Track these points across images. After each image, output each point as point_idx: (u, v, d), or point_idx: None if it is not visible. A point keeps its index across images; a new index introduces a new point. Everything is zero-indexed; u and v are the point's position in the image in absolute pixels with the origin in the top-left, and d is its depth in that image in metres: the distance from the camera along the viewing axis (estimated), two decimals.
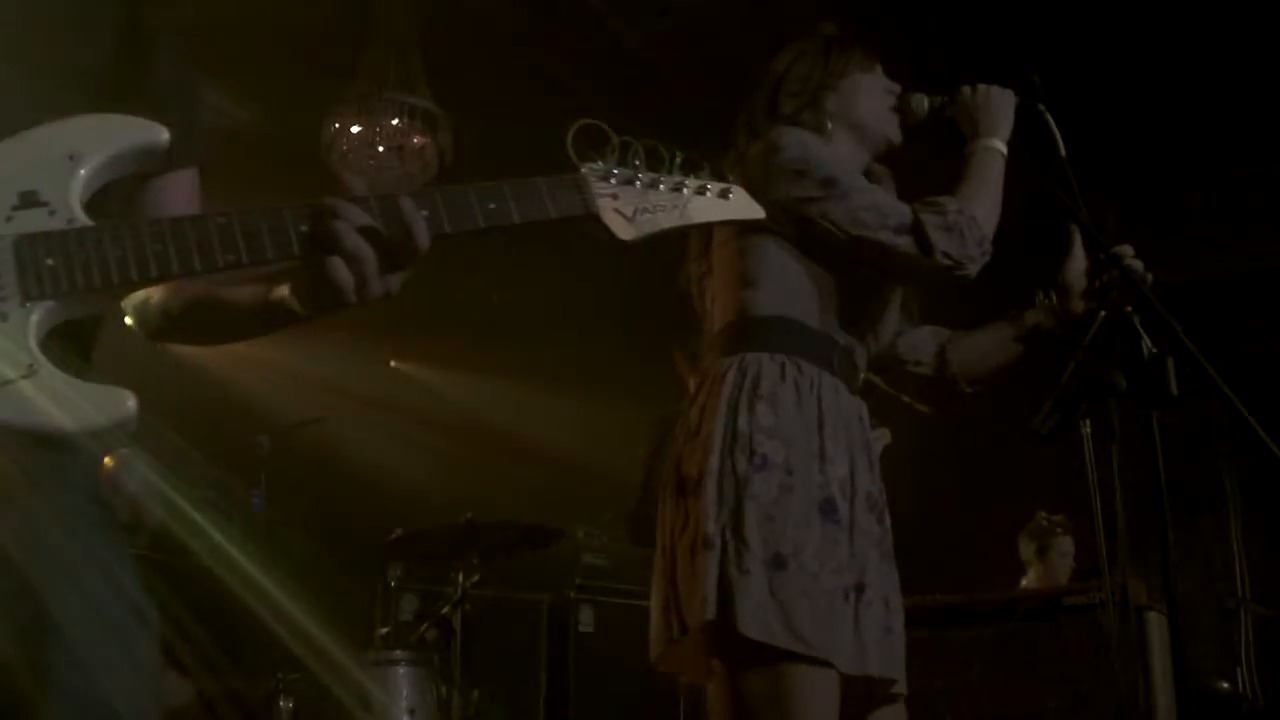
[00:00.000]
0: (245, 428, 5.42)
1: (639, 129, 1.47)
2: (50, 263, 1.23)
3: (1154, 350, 2.14)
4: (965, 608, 4.12)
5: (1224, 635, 4.34)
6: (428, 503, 6.26)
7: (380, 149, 5.13)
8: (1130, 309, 2.21)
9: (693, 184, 1.48)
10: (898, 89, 2.47)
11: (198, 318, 1.47)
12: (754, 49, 4.92)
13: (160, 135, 1.34)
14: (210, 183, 1.57)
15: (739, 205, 1.51)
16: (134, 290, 1.35)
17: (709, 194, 1.48)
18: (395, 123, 5.10)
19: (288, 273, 1.35)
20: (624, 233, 1.41)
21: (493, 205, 1.36)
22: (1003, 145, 2.37)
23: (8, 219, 1.24)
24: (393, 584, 5.28)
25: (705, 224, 1.48)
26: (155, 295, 1.48)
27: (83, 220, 1.27)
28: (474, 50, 5.29)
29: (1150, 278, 2.29)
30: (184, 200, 1.51)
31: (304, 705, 4.27)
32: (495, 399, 7.78)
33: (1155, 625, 3.75)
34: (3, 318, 1.21)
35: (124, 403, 1.22)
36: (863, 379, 2.42)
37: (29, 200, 1.26)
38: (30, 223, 1.25)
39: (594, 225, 1.41)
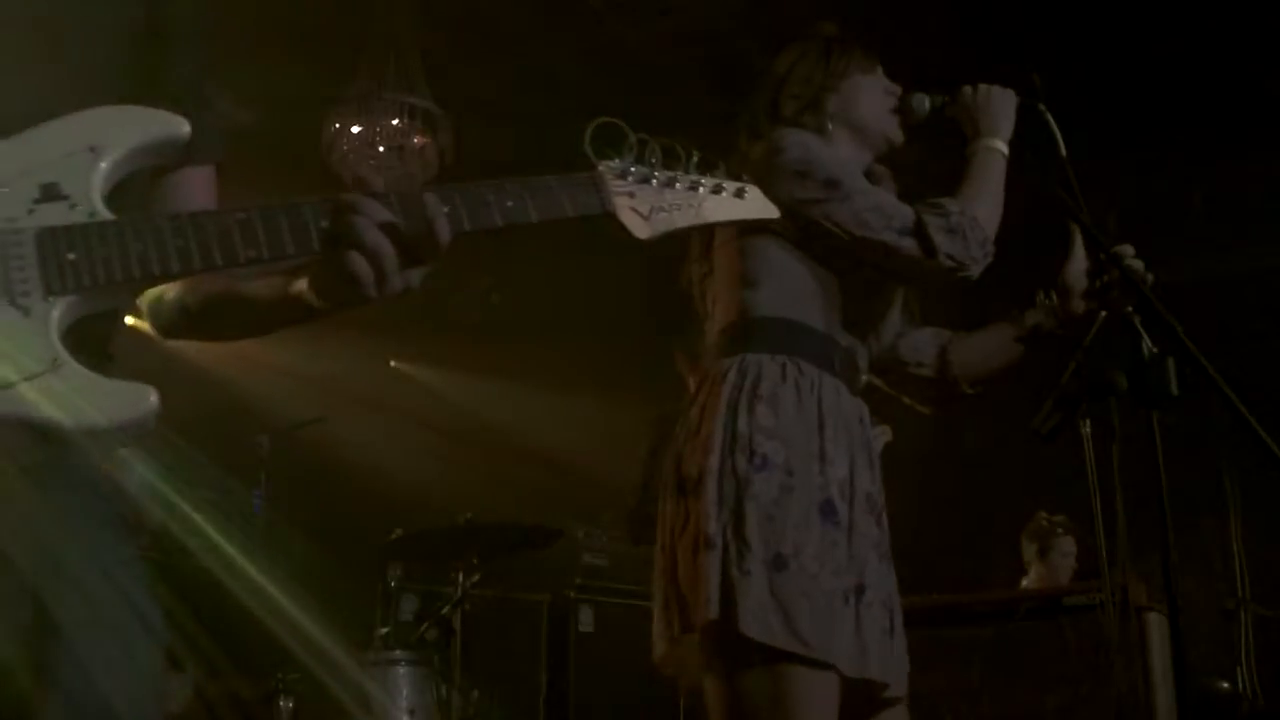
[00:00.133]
0: (245, 428, 5.42)
1: (639, 129, 1.47)
2: (72, 257, 1.22)
3: (1154, 350, 2.14)
4: (965, 608, 4.12)
5: (1224, 635, 4.34)
6: (428, 503, 6.26)
7: (380, 149, 5.12)
8: (1131, 309, 2.21)
9: (708, 183, 1.48)
10: (898, 90, 2.47)
11: (216, 314, 1.47)
12: (754, 49, 4.93)
13: (181, 128, 1.33)
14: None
15: (754, 204, 1.51)
16: (155, 285, 1.34)
17: (725, 193, 1.48)
18: (395, 123, 5.10)
19: (304, 266, 1.34)
20: (640, 231, 1.41)
21: (510, 203, 1.35)
22: (1004, 145, 2.37)
23: (29, 212, 1.23)
24: (393, 584, 5.28)
25: (721, 222, 1.48)
26: (171, 292, 1.48)
27: (104, 214, 1.26)
28: (474, 50, 5.29)
29: (1151, 278, 2.29)
30: (201, 197, 1.51)
31: (304, 705, 4.27)
32: (495, 399, 7.79)
33: (1155, 625, 3.75)
34: (25, 312, 1.20)
35: (146, 398, 1.21)
36: (864, 380, 2.42)
37: (50, 193, 1.25)
38: (52, 216, 1.24)
39: (611, 224, 1.41)
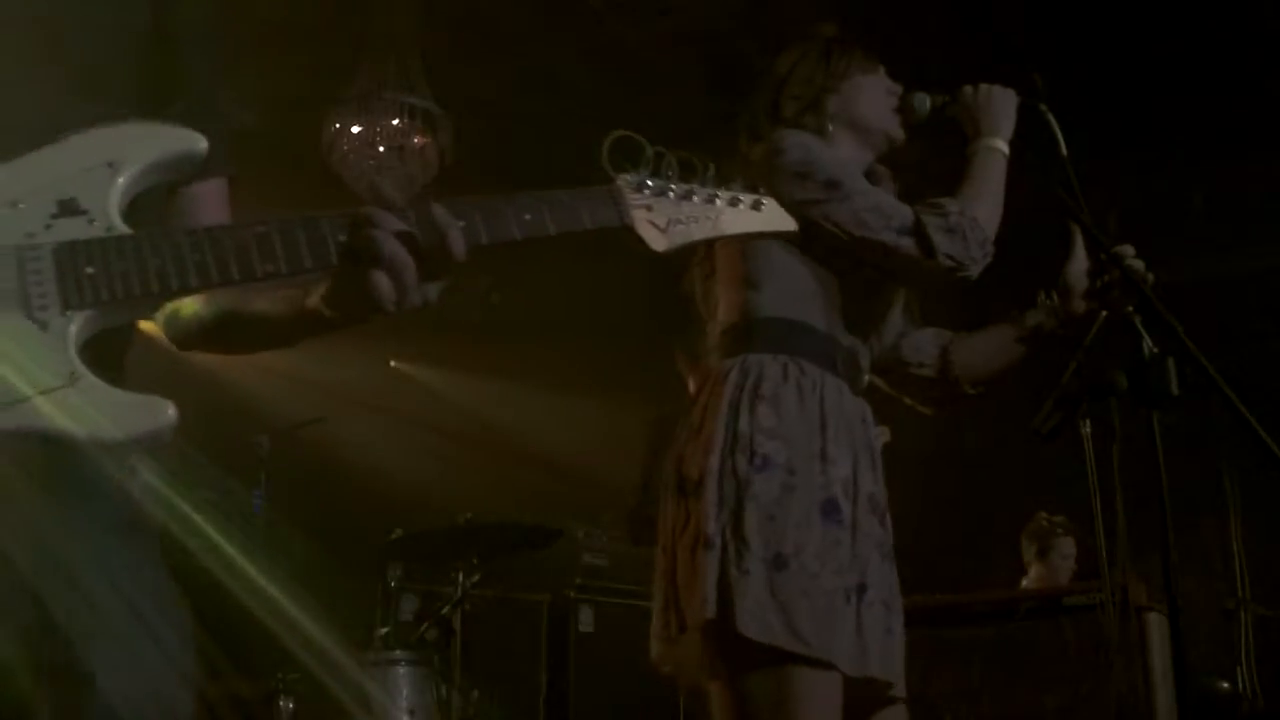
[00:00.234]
0: (245, 428, 5.42)
1: (639, 129, 1.47)
2: (90, 271, 1.22)
3: (1155, 350, 2.14)
4: (965, 608, 4.12)
5: (1224, 635, 4.34)
6: (428, 503, 6.25)
7: (380, 149, 5.12)
8: (1131, 309, 2.21)
9: (725, 195, 1.48)
10: (899, 90, 2.47)
11: (229, 327, 1.46)
12: (754, 49, 4.92)
13: (198, 144, 1.34)
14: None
15: (771, 217, 1.51)
16: (172, 299, 1.34)
17: (741, 205, 1.48)
18: (395, 123, 5.09)
19: (319, 280, 1.34)
20: (657, 244, 1.41)
21: (529, 216, 1.35)
22: (1004, 145, 2.37)
23: (47, 226, 1.24)
24: (393, 584, 5.27)
25: (738, 235, 1.49)
26: (187, 305, 1.48)
27: (121, 229, 1.26)
28: (474, 50, 5.29)
29: (1151, 278, 2.29)
30: (215, 210, 1.51)
31: (304, 705, 4.26)
32: (495, 399, 7.78)
33: (1155, 625, 3.75)
34: (42, 326, 1.20)
35: (164, 411, 1.21)
36: (867, 380, 2.42)
37: (68, 208, 1.25)
38: (70, 231, 1.24)
39: (628, 236, 1.41)
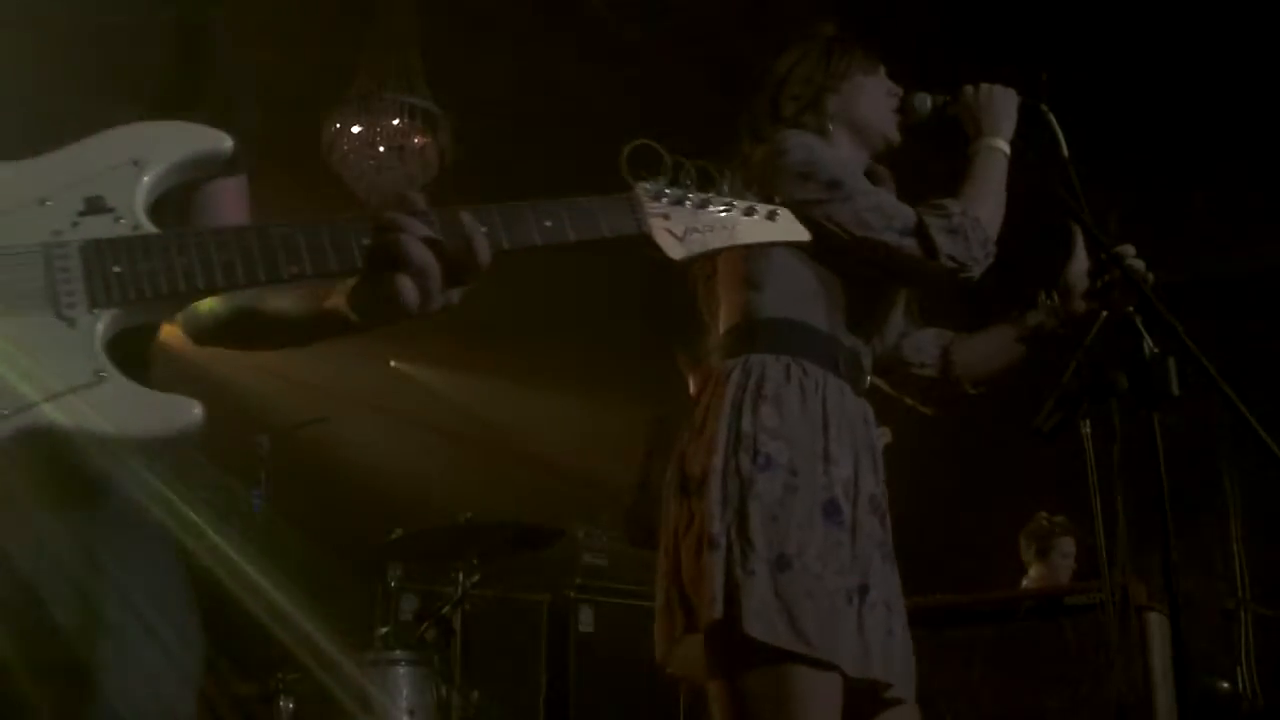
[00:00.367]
0: (245, 428, 5.42)
1: (639, 129, 1.48)
2: (117, 270, 1.22)
3: (1155, 350, 2.14)
4: (965, 608, 4.12)
5: (1224, 635, 4.34)
6: (428, 503, 6.26)
7: (380, 149, 5.12)
8: (1132, 309, 2.21)
9: (741, 204, 1.49)
10: (899, 90, 2.47)
11: (247, 325, 1.47)
12: (754, 49, 4.92)
13: (224, 143, 1.34)
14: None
15: (785, 227, 1.52)
16: (198, 299, 1.34)
17: (757, 215, 1.49)
18: (395, 123, 5.09)
19: (339, 281, 1.34)
20: (674, 252, 1.42)
21: (549, 223, 1.36)
22: (1005, 145, 2.37)
23: (74, 224, 1.24)
24: (393, 584, 5.27)
25: (753, 244, 1.49)
26: (204, 301, 1.47)
27: (148, 227, 1.26)
28: (474, 50, 5.29)
29: (1152, 278, 2.29)
30: (236, 208, 1.51)
31: (304, 705, 4.26)
32: (495, 399, 7.79)
33: (1155, 625, 3.75)
34: (70, 324, 1.20)
35: (190, 410, 1.21)
36: (869, 380, 2.42)
37: (95, 206, 1.25)
38: (96, 229, 1.24)
39: (646, 245, 1.42)
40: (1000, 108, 2.39)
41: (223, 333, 1.49)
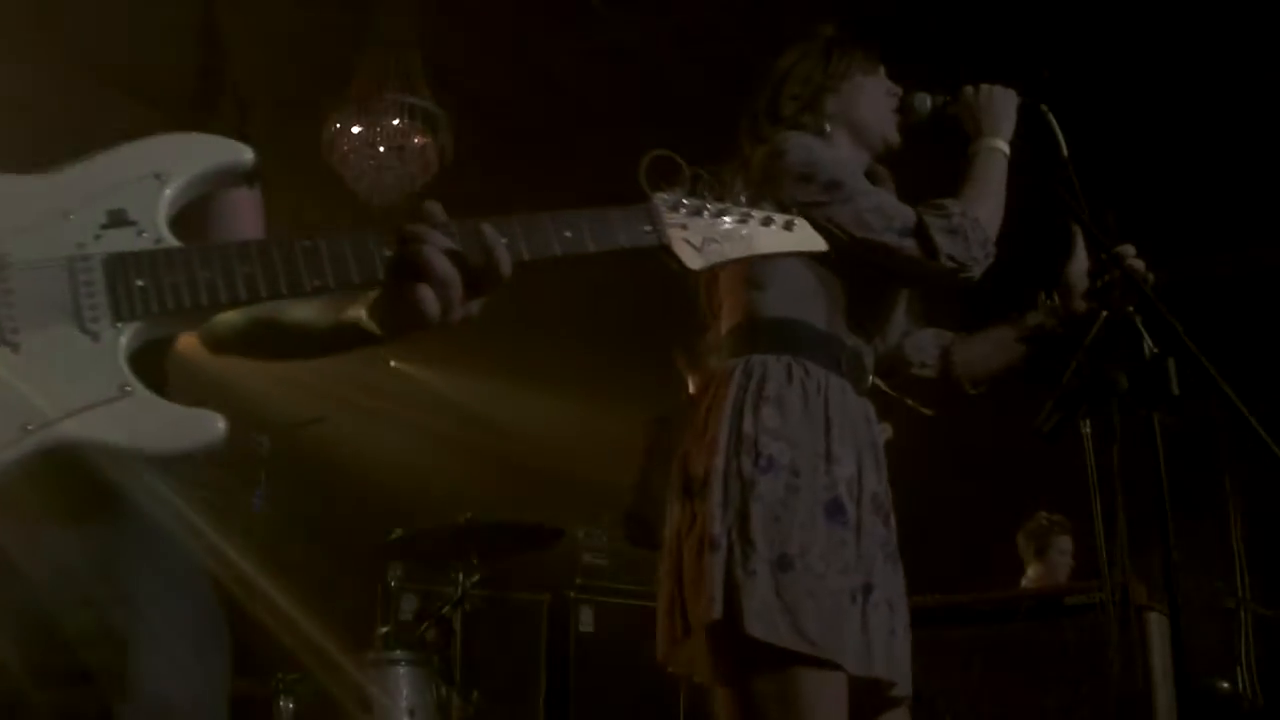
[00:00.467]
0: (245, 428, 5.41)
1: (639, 129, 1.48)
2: (140, 283, 1.22)
3: (1155, 350, 2.14)
4: (965, 608, 4.12)
5: (1224, 635, 4.34)
6: (428, 503, 6.25)
7: (380, 149, 5.12)
8: (1132, 309, 2.21)
9: (758, 215, 1.50)
10: (899, 91, 2.47)
11: (267, 335, 1.47)
12: (754, 49, 4.92)
13: (244, 156, 1.34)
14: None
15: (802, 237, 1.52)
16: (220, 312, 1.34)
17: (774, 225, 1.50)
18: (395, 123, 5.10)
19: (359, 293, 1.34)
20: (693, 262, 1.43)
21: (569, 233, 1.36)
22: (1005, 145, 2.37)
23: (96, 237, 1.24)
24: (393, 584, 5.28)
25: (770, 254, 1.50)
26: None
27: (170, 240, 1.26)
28: (474, 50, 5.29)
29: (1152, 278, 2.29)
30: (253, 219, 1.52)
31: (304, 705, 4.26)
32: (495, 399, 7.78)
33: (1155, 625, 3.75)
34: (94, 337, 1.20)
35: (214, 424, 1.21)
36: (871, 381, 2.42)
37: (117, 219, 1.25)
38: (119, 242, 1.24)
39: (664, 255, 1.43)
40: (1000, 108, 2.39)
41: (240, 343, 1.49)
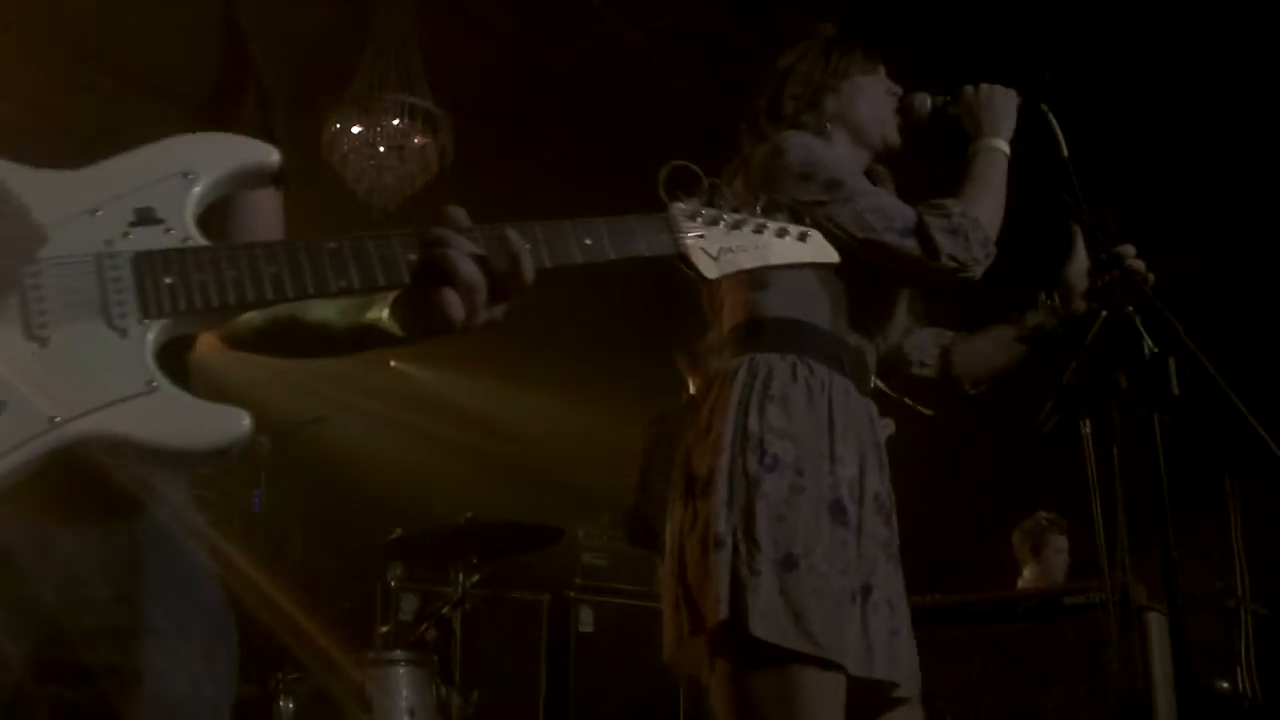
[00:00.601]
0: None
1: (639, 129, 1.48)
2: (169, 281, 1.23)
3: (1155, 350, 2.14)
4: (965, 608, 4.12)
5: (1224, 635, 4.34)
6: (428, 503, 6.26)
7: (381, 149, 5.12)
8: (1132, 309, 2.21)
9: (774, 226, 1.51)
10: (900, 91, 2.47)
11: (287, 334, 1.47)
12: (754, 49, 4.92)
13: (271, 156, 1.35)
14: None
15: (816, 248, 1.53)
16: (246, 311, 1.34)
17: (789, 236, 1.51)
18: (395, 123, 5.09)
19: (380, 295, 1.34)
20: (709, 271, 1.44)
21: (589, 241, 1.37)
22: (1005, 145, 2.37)
23: (125, 234, 1.24)
24: (393, 584, 5.28)
25: (784, 265, 1.51)
26: None
27: (197, 239, 1.27)
28: (474, 50, 5.29)
29: (1152, 278, 2.29)
30: (274, 219, 1.52)
31: (304, 705, 4.27)
32: (495, 399, 7.78)
33: (1155, 625, 3.75)
34: (122, 334, 1.20)
35: (240, 421, 1.21)
36: (874, 380, 2.42)
37: (145, 217, 1.26)
38: (147, 240, 1.25)
39: (682, 264, 1.44)
40: (1000, 108, 2.39)
41: (260, 340, 1.50)
